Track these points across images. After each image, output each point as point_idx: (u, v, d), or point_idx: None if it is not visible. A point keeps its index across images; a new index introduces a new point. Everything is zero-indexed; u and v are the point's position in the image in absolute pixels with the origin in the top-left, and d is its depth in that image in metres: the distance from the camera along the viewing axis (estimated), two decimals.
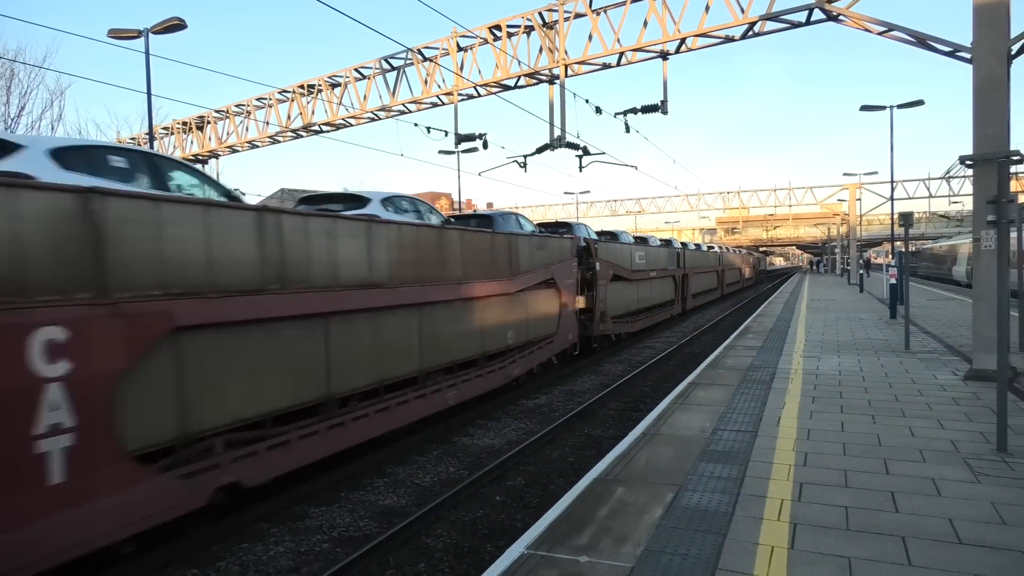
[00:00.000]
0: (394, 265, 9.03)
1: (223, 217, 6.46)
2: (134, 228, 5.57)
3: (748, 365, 11.60)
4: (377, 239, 8.71)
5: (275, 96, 25.25)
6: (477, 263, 11.37)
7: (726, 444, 6.80)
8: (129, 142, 32.95)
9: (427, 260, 9.86)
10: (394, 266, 9.03)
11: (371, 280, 8.55)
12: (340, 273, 7.99)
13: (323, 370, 7.74)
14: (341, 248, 8.02)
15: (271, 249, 6.97)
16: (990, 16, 9.33)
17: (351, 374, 8.23)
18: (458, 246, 10.81)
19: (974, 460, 6.03)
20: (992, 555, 4.18)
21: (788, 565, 4.14)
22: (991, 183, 8.59)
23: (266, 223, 6.95)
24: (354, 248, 8.29)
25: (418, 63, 20.51)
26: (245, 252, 6.68)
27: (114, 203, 5.44)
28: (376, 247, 8.66)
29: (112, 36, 17.11)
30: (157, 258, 5.75)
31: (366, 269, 8.45)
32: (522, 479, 8.25)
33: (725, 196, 68.56)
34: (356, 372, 8.34)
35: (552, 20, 17.83)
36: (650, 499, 5.36)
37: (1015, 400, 8.21)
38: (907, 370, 10.69)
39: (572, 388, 13.86)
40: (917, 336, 14.60)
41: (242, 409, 6.66)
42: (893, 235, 23.19)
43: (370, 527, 6.88)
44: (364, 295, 8.36)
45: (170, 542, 6.22)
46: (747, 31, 14.98)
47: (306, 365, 7.48)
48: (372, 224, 8.74)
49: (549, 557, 4.39)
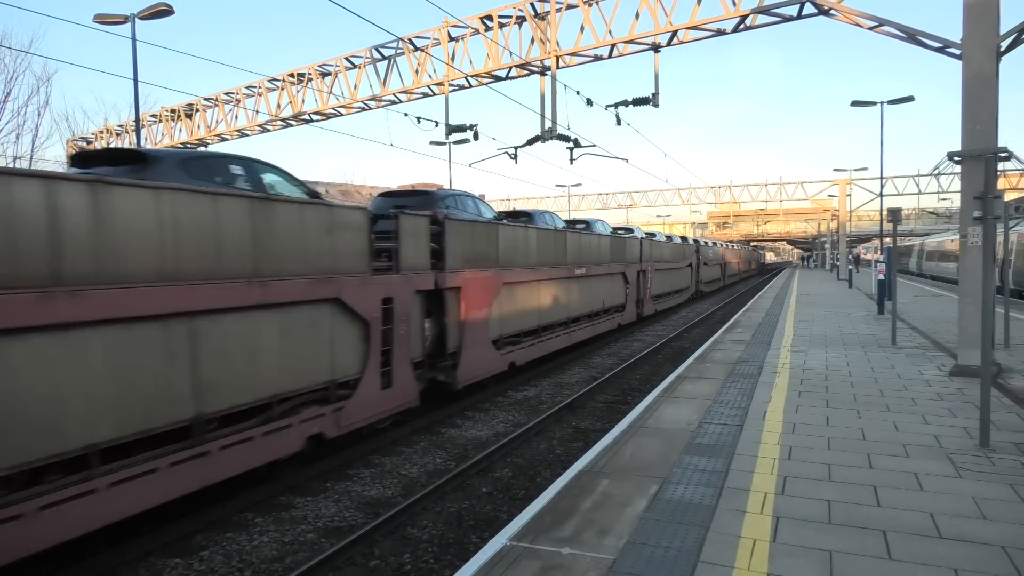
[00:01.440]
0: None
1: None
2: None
3: (736, 359, 11.64)
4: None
5: (265, 84, 25.06)
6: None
7: (712, 437, 6.82)
8: (117, 129, 32.68)
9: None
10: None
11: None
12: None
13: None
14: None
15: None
16: (980, 12, 9.35)
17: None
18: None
19: (957, 455, 6.07)
20: (972, 550, 4.21)
21: (769, 558, 4.15)
22: (979, 179, 8.64)
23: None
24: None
25: (409, 53, 20.39)
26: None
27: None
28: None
29: (98, 21, 16.91)
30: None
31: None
32: (509, 471, 8.25)
33: (716, 190, 68.77)
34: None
35: (544, 11, 17.74)
36: (634, 491, 5.37)
37: (998, 396, 8.28)
38: (893, 365, 10.75)
39: (561, 380, 13.87)
40: (904, 331, 14.69)
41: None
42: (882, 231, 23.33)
43: (355, 517, 6.87)
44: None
45: (153, 531, 6.19)
46: (739, 24, 14.95)
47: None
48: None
49: (532, 549, 4.39)
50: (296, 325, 7.45)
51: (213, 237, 6.43)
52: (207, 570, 5.75)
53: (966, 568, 3.97)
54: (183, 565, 5.82)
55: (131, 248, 5.68)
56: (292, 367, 7.41)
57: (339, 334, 8.13)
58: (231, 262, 6.61)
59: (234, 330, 6.68)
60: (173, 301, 5.96)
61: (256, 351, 6.93)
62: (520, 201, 72.03)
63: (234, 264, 6.64)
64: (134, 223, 5.71)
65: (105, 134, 33.53)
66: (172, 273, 6.00)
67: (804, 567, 4.03)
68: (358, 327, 8.46)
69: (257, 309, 6.89)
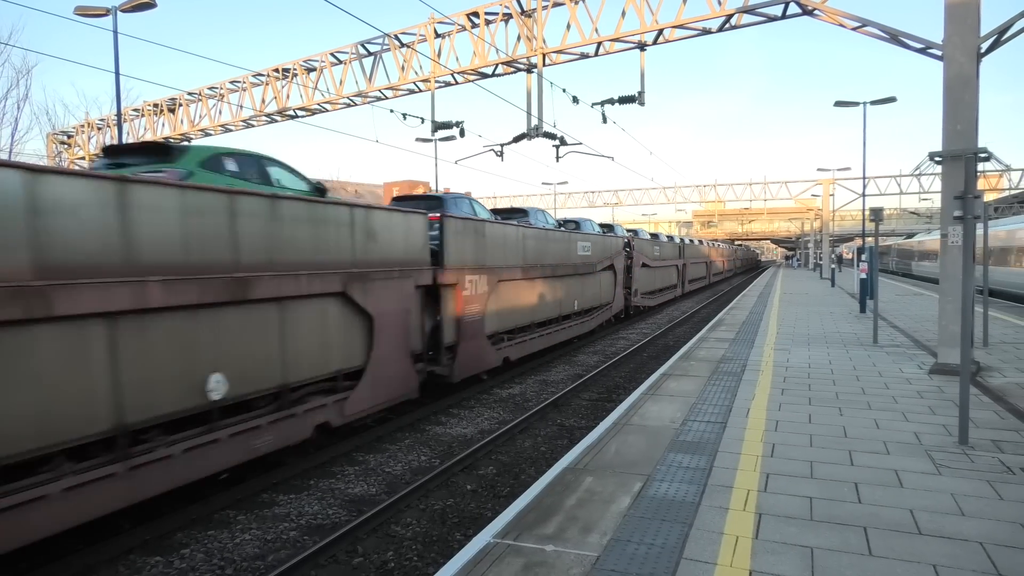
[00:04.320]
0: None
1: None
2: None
3: (720, 357, 11.70)
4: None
5: (249, 79, 24.81)
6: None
7: (695, 435, 6.85)
8: (99, 123, 32.26)
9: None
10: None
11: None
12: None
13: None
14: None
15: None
16: (961, 14, 9.44)
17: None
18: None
19: (936, 452, 6.14)
20: (950, 545, 4.26)
21: (752, 555, 4.18)
22: (959, 179, 8.72)
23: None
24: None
25: (395, 49, 20.27)
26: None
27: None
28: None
29: (79, 14, 16.68)
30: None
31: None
32: (493, 468, 8.24)
33: (701, 189, 68.98)
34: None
35: (530, 8, 17.70)
36: (618, 489, 5.38)
37: (977, 394, 8.39)
38: (874, 363, 10.86)
39: (546, 378, 13.87)
40: (885, 330, 14.85)
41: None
42: (864, 231, 23.56)
43: (339, 515, 6.83)
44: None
45: (132, 529, 6.12)
46: (724, 23, 15.00)
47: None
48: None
49: (515, 546, 4.38)
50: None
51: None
52: (188, 568, 5.69)
53: (945, 564, 4.02)
54: (163, 563, 5.76)
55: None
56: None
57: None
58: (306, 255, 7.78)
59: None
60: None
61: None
62: (506, 199, 71.93)
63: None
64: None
65: (86, 128, 33.11)
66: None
67: (786, 563, 4.06)
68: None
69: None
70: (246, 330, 7.00)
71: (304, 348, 7.80)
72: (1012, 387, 8.86)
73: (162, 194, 6.11)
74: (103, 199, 5.56)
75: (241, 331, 6.94)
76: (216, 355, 6.62)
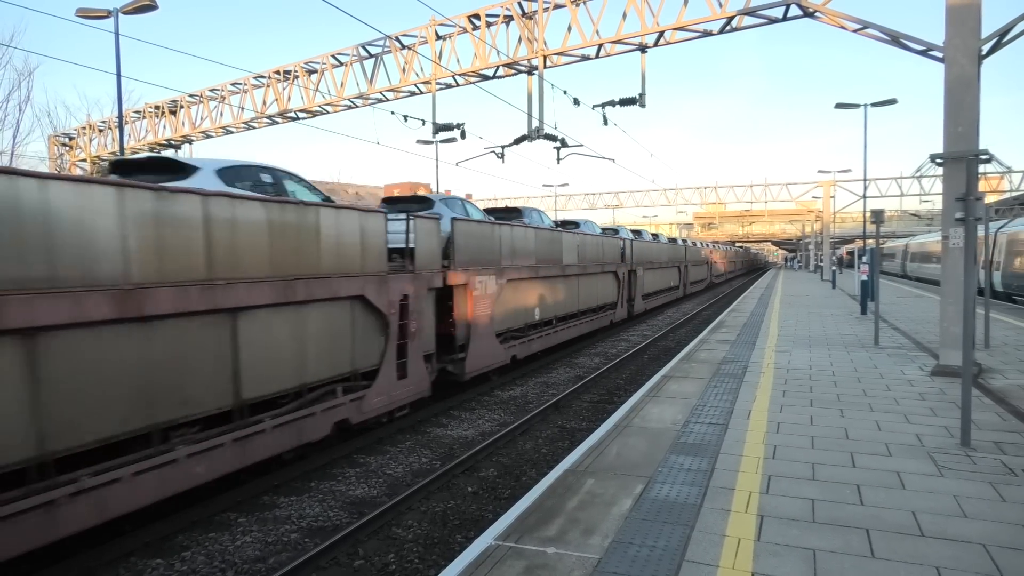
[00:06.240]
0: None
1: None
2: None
3: (721, 359, 11.69)
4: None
5: (250, 81, 24.86)
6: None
7: (697, 437, 6.84)
8: (100, 125, 32.30)
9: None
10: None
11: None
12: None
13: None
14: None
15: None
16: (962, 15, 9.44)
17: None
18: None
19: (938, 454, 6.13)
20: (952, 547, 4.25)
21: (754, 557, 4.17)
22: (960, 181, 8.71)
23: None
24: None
25: (396, 51, 20.31)
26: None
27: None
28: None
29: (81, 16, 16.69)
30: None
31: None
32: (495, 470, 8.23)
33: (702, 191, 69.01)
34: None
35: (531, 10, 17.73)
36: (620, 491, 5.37)
37: (979, 396, 8.37)
38: (876, 365, 10.85)
39: (547, 380, 13.87)
40: (886, 332, 14.83)
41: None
42: (865, 232, 23.56)
43: (340, 517, 6.82)
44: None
45: (134, 531, 6.12)
46: (725, 25, 15.02)
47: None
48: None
49: (517, 548, 4.37)
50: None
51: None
52: (189, 570, 5.69)
53: (948, 566, 4.01)
54: (164, 565, 5.75)
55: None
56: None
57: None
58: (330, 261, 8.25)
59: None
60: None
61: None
62: (507, 200, 71.95)
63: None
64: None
65: (88, 130, 33.15)
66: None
67: (788, 565, 4.05)
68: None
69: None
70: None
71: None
72: (1014, 389, 8.85)
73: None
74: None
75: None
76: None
